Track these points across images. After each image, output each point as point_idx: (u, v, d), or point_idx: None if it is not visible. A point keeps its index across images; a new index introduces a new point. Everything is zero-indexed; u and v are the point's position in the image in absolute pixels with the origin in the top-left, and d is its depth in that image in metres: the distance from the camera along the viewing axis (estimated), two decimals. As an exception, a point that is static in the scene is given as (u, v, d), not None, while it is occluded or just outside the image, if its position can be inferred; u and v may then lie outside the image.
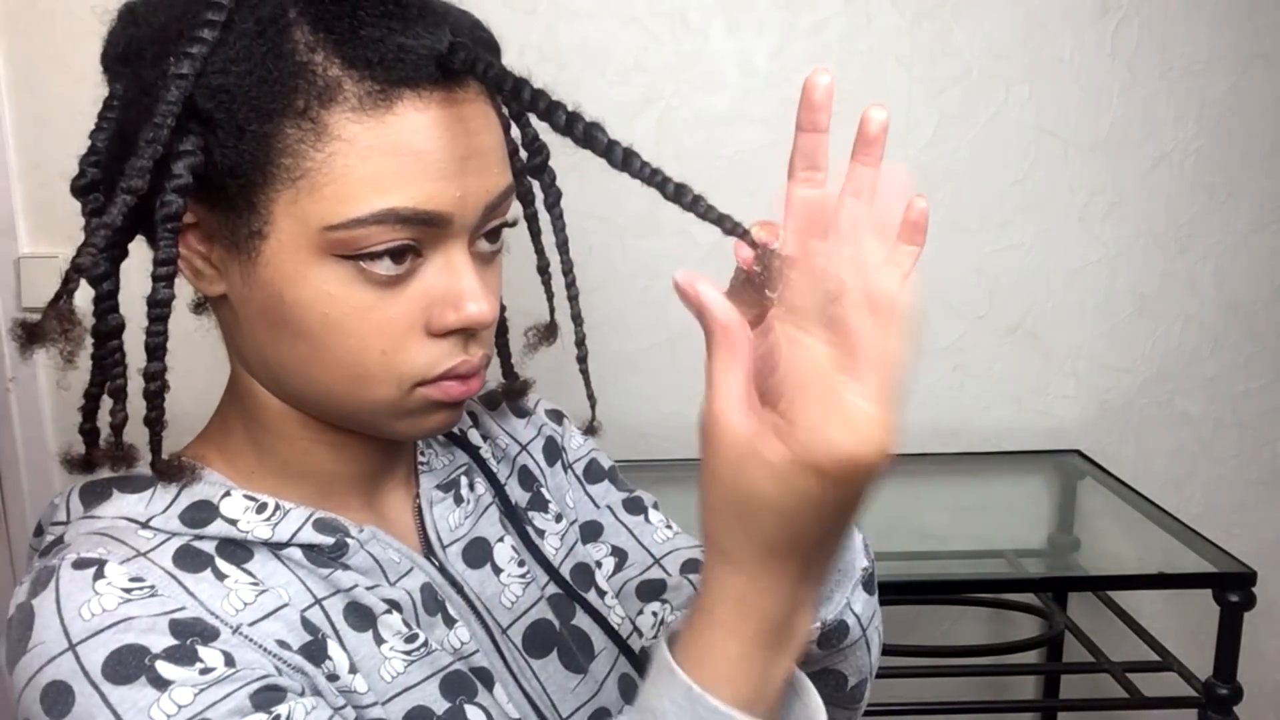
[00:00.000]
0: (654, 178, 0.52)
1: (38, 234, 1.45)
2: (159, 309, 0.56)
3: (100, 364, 0.59)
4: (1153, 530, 1.40)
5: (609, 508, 0.79)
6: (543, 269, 0.72)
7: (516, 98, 0.52)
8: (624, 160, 0.51)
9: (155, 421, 0.58)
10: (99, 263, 0.55)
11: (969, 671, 1.50)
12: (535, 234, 0.70)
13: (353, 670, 0.58)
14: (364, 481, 0.65)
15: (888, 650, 1.35)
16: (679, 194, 0.52)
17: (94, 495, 0.60)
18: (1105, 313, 1.56)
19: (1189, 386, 1.59)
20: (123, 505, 0.59)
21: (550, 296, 0.73)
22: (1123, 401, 1.59)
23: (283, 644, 0.55)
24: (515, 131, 0.64)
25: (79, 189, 0.58)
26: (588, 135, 0.51)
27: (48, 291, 0.63)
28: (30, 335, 0.62)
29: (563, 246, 0.68)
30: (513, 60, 0.61)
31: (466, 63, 0.53)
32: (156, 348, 0.57)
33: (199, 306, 0.68)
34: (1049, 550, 1.54)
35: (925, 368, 1.56)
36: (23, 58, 1.40)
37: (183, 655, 0.51)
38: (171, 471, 0.59)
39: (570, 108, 0.52)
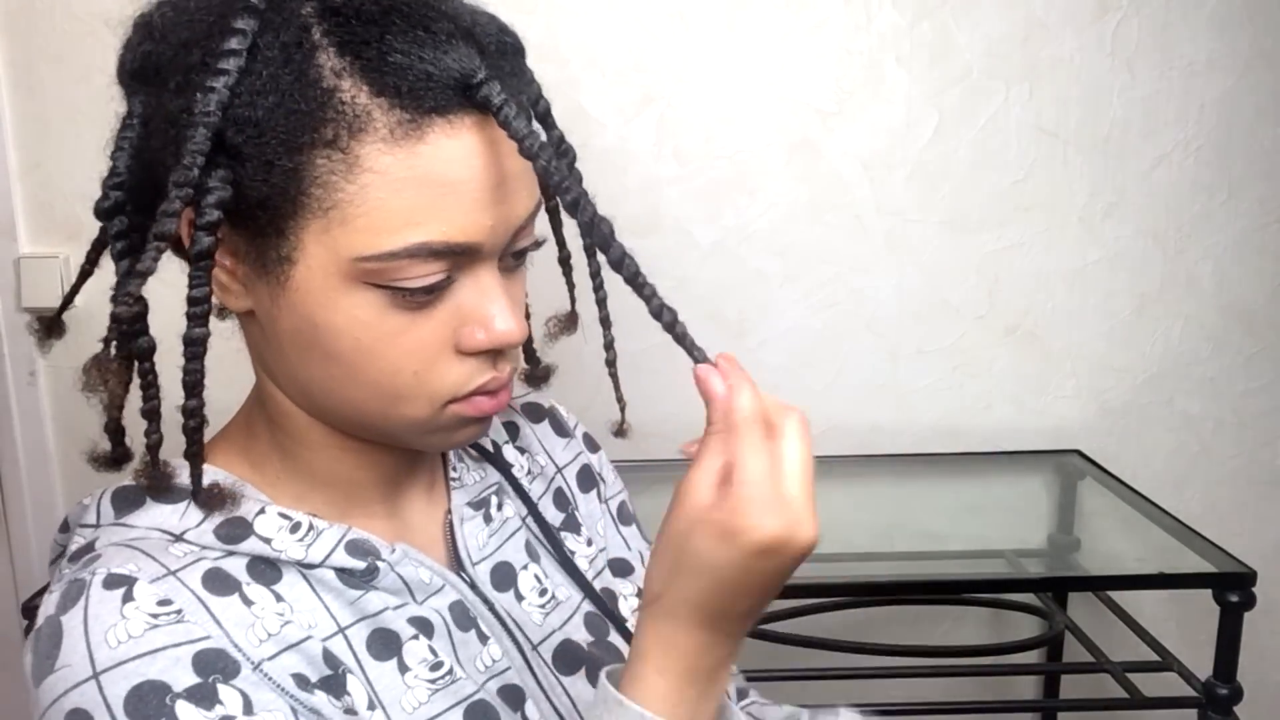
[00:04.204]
0: (643, 290, 0.56)
1: (38, 234, 1.45)
2: (195, 347, 0.55)
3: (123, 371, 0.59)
4: (1153, 530, 1.39)
5: (639, 553, 0.80)
6: (564, 260, 0.71)
7: (532, 161, 0.52)
8: (620, 262, 0.55)
9: (195, 456, 0.58)
10: (132, 305, 0.55)
11: (969, 671, 1.50)
12: (557, 226, 0.69)
13: (372, 706, 0.58)
14: (388, 487, 0.65)
15: (888, 650, 1.35)
16: (660, 313, 0.57)
17: (126, 502, 0.59)
18: (1105, 313, 1.56)
19: (1189, 386, 1.59)
20: (157, 516, 0.58)
21: (571, 287, 0.73)
22: (1123, 401, 1.59)
23: (302, 679, 0.55)
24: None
25: (104, 211, 0.57)
26: (591, 224, 0.54)
27: (48, 291, 0.63)
28: (48, 328, 0.62)
29: (590, 250, 0.67)
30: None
31: (490, 104, 0.52)
32: (194, 384, 0.56)
33: (221, 311, 0.68)
34: (1049, 550, 1.54)
35: (925, 368, 1.56)
36: (23, 58, 1.40)
37: (203, 696, 0.51)
38: (214, 501, 0.59)
39: (589, 194, 0.53)
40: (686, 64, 1.45)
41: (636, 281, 0.55)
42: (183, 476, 0.60)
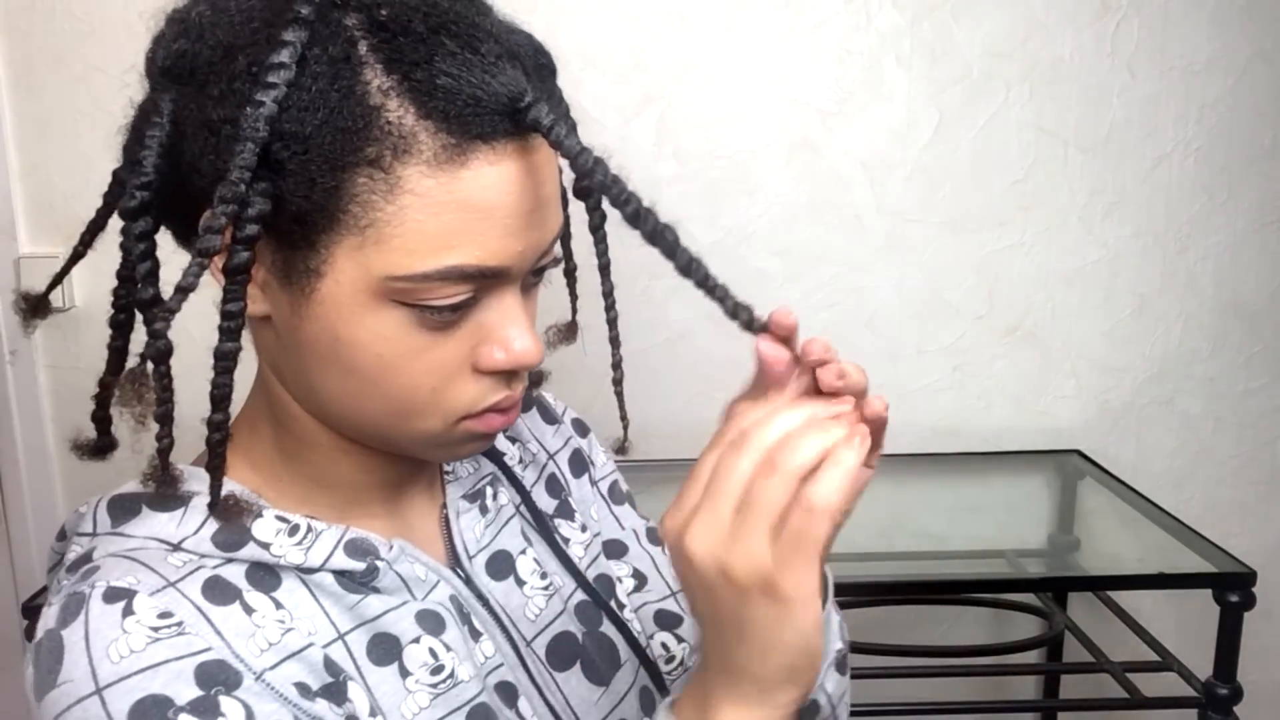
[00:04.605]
0: (714, 292, 0.54)
1: (38, 234, 1.45)
2: (226, 361, 0.54)
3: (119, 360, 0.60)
4: (1153, 530, 1.40)
5: (633, 531, 0.80)
6: (569, 272, 0.71)
7: (587, 177, 0.51)
8: (689, 267, 0.53)
9: (217, 470, 0.57)
10: (170, 321, 0.53)
11: (969, 671, 1.50)
12: (565, 238, 0.69)
13: (373, 713, 0.58)
14: (389, 489, 0.66)
15: (889, 650, 1.35)
16: (736, 313, 0.55)
17: (123, 510, 0.59)
18: (1105, 313, 1.56)
19: (1189, 386, 1.59)
20: (154, 525, 0.58)
21: (574, 298, 0.73)
22: (1123, 401, 1.59)
23: (303, 687, 0.55)
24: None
25: (130, 212, 0.55)
26: (655, 233, 0.52)
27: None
28: (33, 308, 0.62)
29: (604, 270, 0.66)
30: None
31: (540, 125, 0.52)
32: (222, 399, 0.55)
33: None
34: (1049, 550, 1.54)
35: (925, 368, 1.56)
36: (23, 58, 1.40)
37: (206, 709, 0.51)
38: (232, 514, 0.58)
39: (646, 202, 0.52)
40: (686, 64, 1.45)
41: (708, 285, 0.54)
42: (189, 483, 0.59)
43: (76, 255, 0.62)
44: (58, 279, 0.63)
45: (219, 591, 0.56)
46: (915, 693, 1.43)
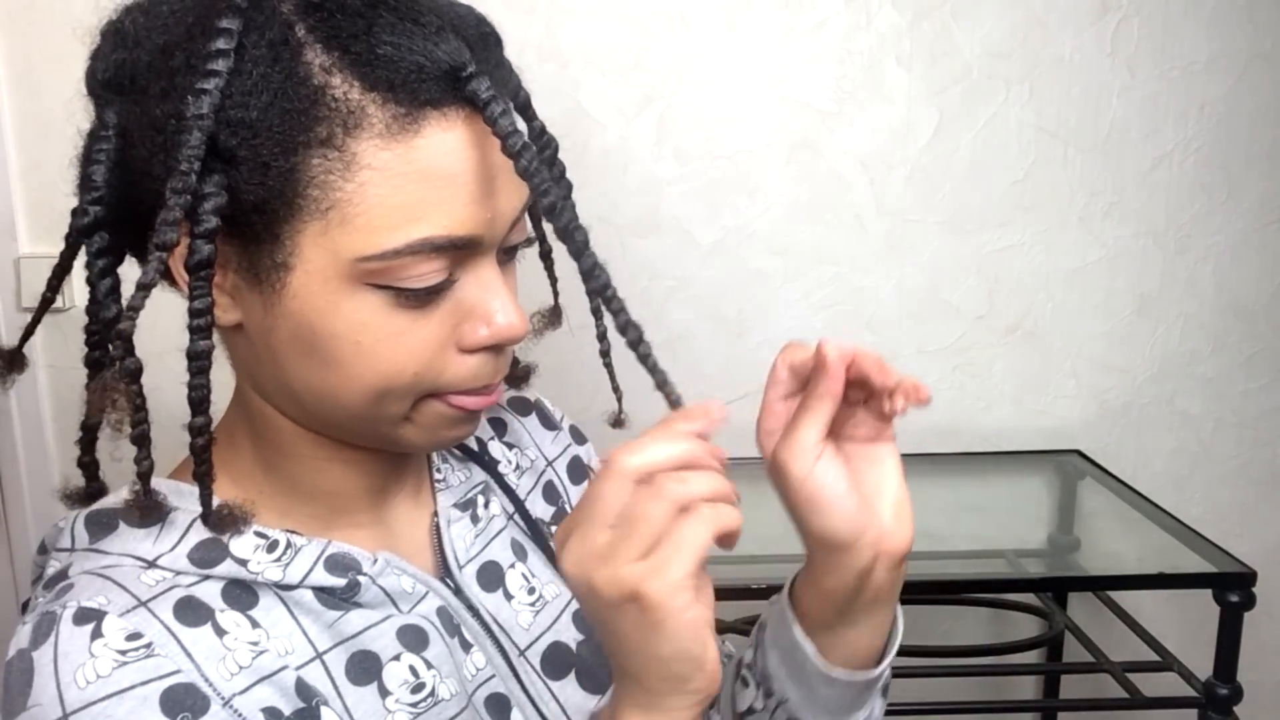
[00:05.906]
0: (610, 304, 0.54)
1: (38, 234, 1.45)
2: (200, 361, 0.53)
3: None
4: (1153, 530, 1.40)
5: None
6: (545, 254, 0.70)
7: (514, 160, 0.51)
8: (591, 272, 0.53)
9: (205, 475, 0.56)
10: (135, 320, 0.53)
11: (969, 671, 1.50)
12: (537, 220, 0.68)
13: None
14: (373, 495, 0.64)
15: (888, 650, 1.35)
16: (625, 330, 0.55)
17: (100, 526, 0.58)
18: (1105, 313, 1.56)
19: (1189, 386, 1.59)
20: (129, 542, 0.57)
21: (554, 281, 0.72)
22: (1123, 401, 1.59)
23: (274, 712, 0.54)
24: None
25: (83, 229, 0.55)
26: (566, 231, 0.52)
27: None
28: (9, 364, 0.60)
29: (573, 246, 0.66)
30: (512, 60, 0.60)
31: (478, 99, 0.51)
32: (200, 401, 0.54)
33: None
34: (1049, 550, 1.54)
35: (925, 368, 1.56)
36: (23, 58, 1.40)
37: None
38: (225, 523, 0.57)
39: (568, 199, 0.52)
40: (686, 64, 1.45)
41: (605, 294, 0.54)
42: (168, 499, 0.58)
43: (46, 301, 0.60)
44: (29, 331, 0.61)
45: (191, 612, 0.55)
46: (915, 693, 1.43)
